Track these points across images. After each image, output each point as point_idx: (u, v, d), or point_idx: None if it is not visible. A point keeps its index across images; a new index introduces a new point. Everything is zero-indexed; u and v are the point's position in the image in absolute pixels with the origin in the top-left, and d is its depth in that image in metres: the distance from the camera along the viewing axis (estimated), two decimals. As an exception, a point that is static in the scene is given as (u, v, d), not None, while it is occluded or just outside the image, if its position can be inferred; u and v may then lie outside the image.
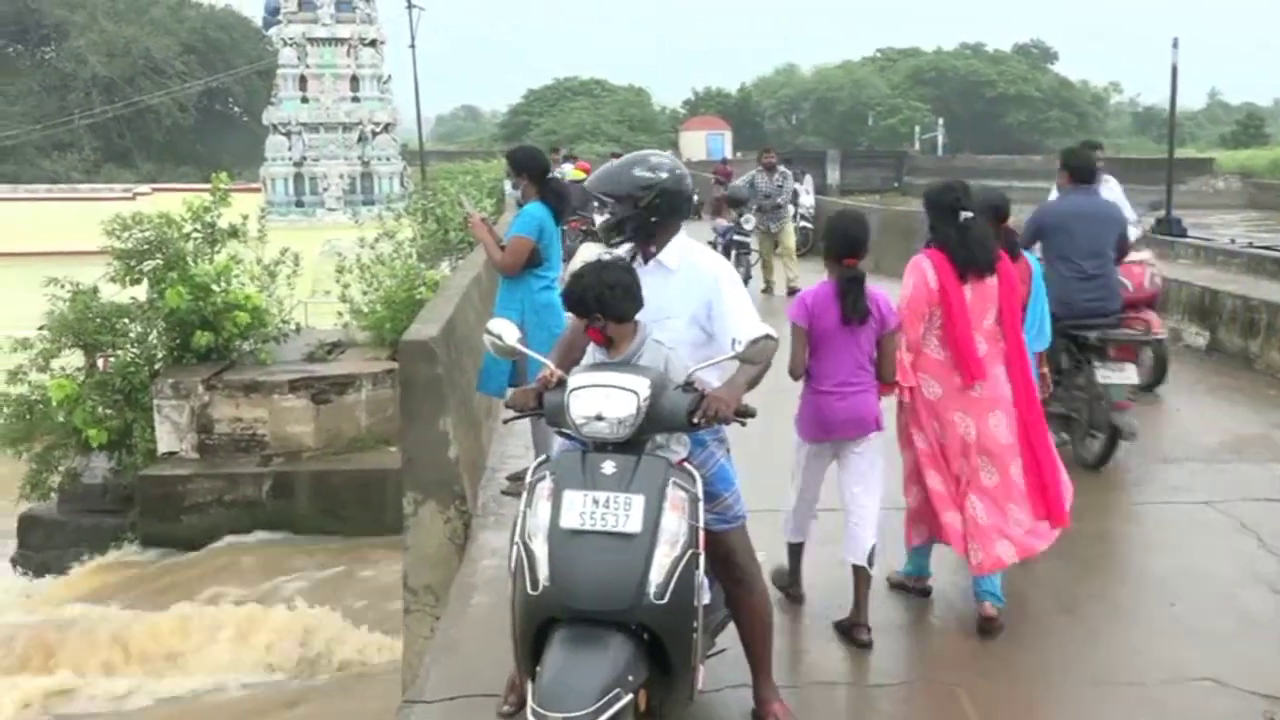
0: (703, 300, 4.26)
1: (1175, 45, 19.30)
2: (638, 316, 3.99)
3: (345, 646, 11.73)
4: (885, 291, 5.22)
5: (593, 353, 4.07)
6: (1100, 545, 6.33)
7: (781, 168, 16.00)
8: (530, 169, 7.44)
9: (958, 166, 64.58)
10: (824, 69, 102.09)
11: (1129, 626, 5.34)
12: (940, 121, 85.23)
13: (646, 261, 4.30)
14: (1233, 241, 16.31)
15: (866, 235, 5.21)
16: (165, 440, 14.51)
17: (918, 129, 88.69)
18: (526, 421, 5.14)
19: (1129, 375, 7.51)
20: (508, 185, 25.59)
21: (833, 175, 70.15)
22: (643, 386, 3.72)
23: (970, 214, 5.30)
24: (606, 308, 3.91)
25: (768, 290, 15.35)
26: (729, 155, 53.13)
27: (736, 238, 15.63)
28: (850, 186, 66.91)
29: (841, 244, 5.15)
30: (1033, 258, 6.87)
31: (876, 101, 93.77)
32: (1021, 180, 67.12)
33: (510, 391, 4.98)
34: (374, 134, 32.75)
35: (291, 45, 32.43)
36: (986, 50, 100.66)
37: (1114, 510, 6.94)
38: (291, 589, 12.73)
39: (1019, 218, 7.51)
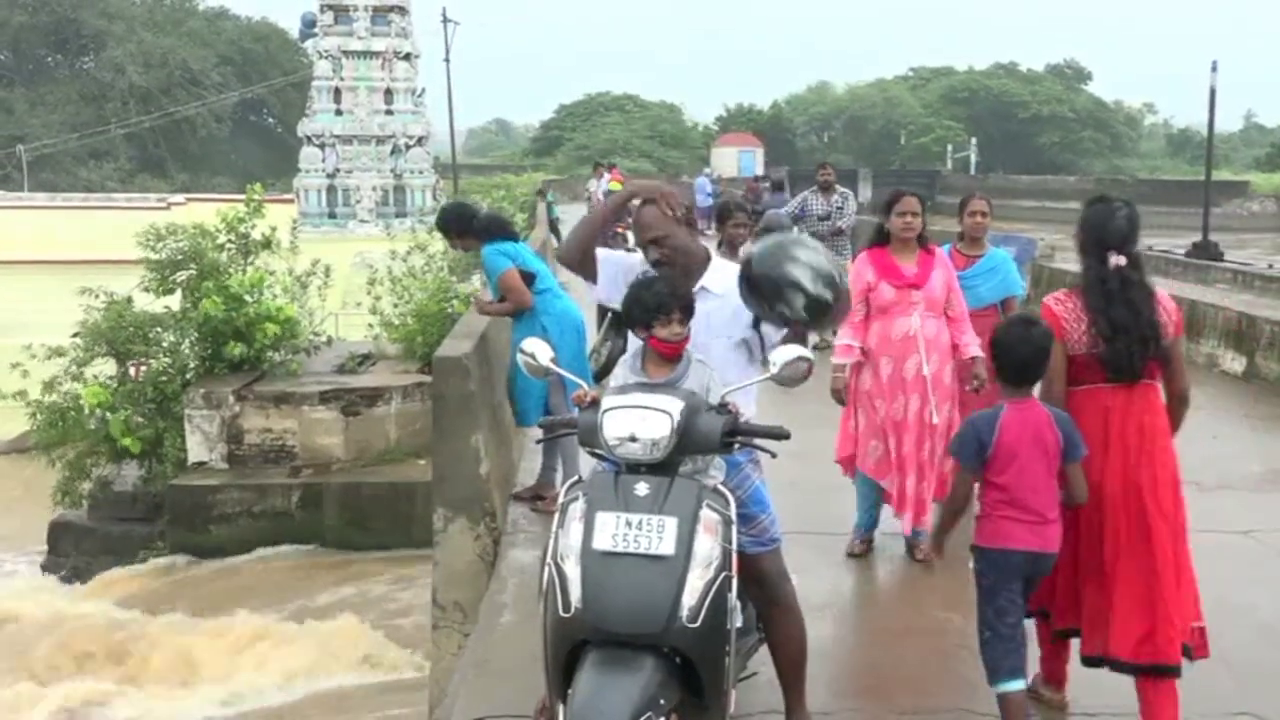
0: (749, 321, 4.22)
1: (1214, 69, 19.20)
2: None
3: (371, 659, 11.71)
4: None
5: (627, 373, 4.03)
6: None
7: (841, 188, 13.19)
8: (457, 227, 7.67)
9: (990, 186, 64.29)
10: (856, 87, 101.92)
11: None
12: (973, 141, 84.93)
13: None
14: (1271, 266, 16.17)
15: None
16: (195, 450, 14.56)
17: (950, 148, 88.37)
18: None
19: None
20: (541, 207, 25.54)
21: (865, 193, 69.96)
22: (676, 408, 3.69)
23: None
24: (689, 313, 3.90)
25: (824, 346, 8.53)
26: (760, 172, 53.14)
27: None
28: (881, 205, 66.66)
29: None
30: None
31: (909, 120, 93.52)
32: (1054, 201, 67.05)
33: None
34: (407, 147, 32.88)
35: (327, 58, 32.63)
36: (1020, 70, 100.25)
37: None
38: (319, 601, 12.74)
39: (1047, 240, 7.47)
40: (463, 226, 7.62)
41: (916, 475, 6.14)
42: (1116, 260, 4.35)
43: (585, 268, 4.38)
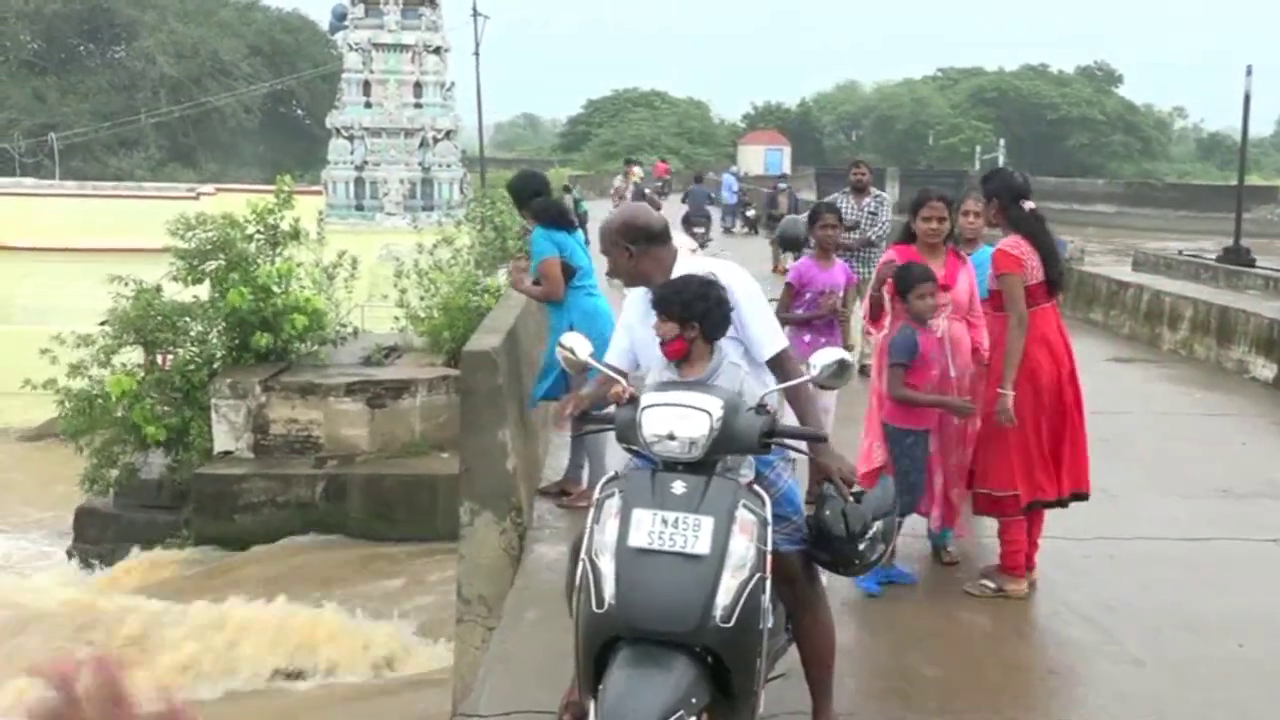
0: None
1: (1249, 73, 19.04)
2: None
3: (395, 650, 11.73)
4: None
5: (662, 370, 4.03)
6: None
7: (877, 191, 11.59)
8: (522, 196, 7.88)
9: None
10: (885, 86, 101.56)
11: (1194, 666, 5.22)
12: (1001, 142, 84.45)
13: None
14: (1302, 273, 16.05)
15: None
16: (221, 439, 14.61)
17: (978, 149, 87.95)
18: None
19: None
20: (568, 197, 25.65)
21: (892, 193, 69.79)
22: (716, 407, 3.69)
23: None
24: (708, 324, 3.89)
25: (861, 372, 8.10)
26: (787, 171, 53.00)
27: None
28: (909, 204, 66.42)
29: None
30: None
31: (937, 120, 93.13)
32: (1082, 204, 66.67)
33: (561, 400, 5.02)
34: (435, 140, 32.87)
35: (357, 50, 32.67)
36: (1050, 71, 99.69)
37: (1178, 546, 6.82)
38: (342, 592, 12.76)
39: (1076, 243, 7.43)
40: (525, 196, 7.85)
41: (944, 476, 6.11)
42: (1029, 204, 5.86)
43: None
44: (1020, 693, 4.95)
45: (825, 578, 4.38)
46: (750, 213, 33.77)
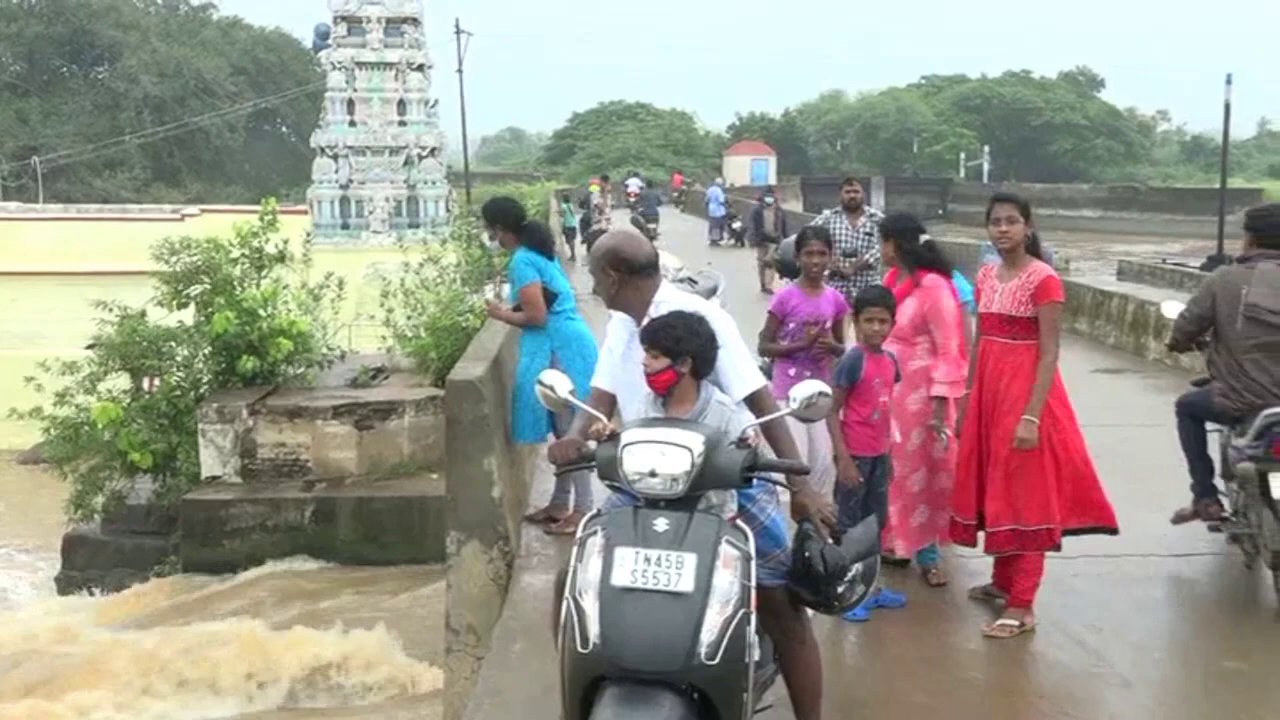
0: None
1: (1229, 81, 19.10)
2: None
3: (385, 674, 11.69)
4: None
5: (648, 407, 4.02)
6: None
7: (871, 209, 10.85)
8: (504, 220, 7.70)
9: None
10: (869, 95, 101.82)
11: (1184, 687, 5.22)
12: (986, 149, 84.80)
13: None
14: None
15: None
16: (209, 464, 14.55)
17: (963, 156, 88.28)
18: None
19: None
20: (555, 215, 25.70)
21: (878, 201, 70.01)
22: (697, 443, 3.68)
23: None
24: (700, 360, 3.88)
25: None
26: (773, 181, 53.20)
27: None
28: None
29: None
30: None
31: (922, 128, 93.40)
32: (1067, 209, 66.90)
33: (550, 443, 4.98)
34: (420, 158, 32.86)
35: (340, 69, 32.64)
36: (1033, 77, 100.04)
37: (1167, 563, 6.81)
38: (332, 616, 12.71)
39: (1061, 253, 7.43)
40: (506, 222, 7.71)
41: (903, 502, 6.14)
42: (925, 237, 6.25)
43: None
44: (1011, 719, 4.94)
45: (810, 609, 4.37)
46: (736, 225, 33.87)
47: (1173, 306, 6.80)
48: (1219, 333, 6.33)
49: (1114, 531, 5.86)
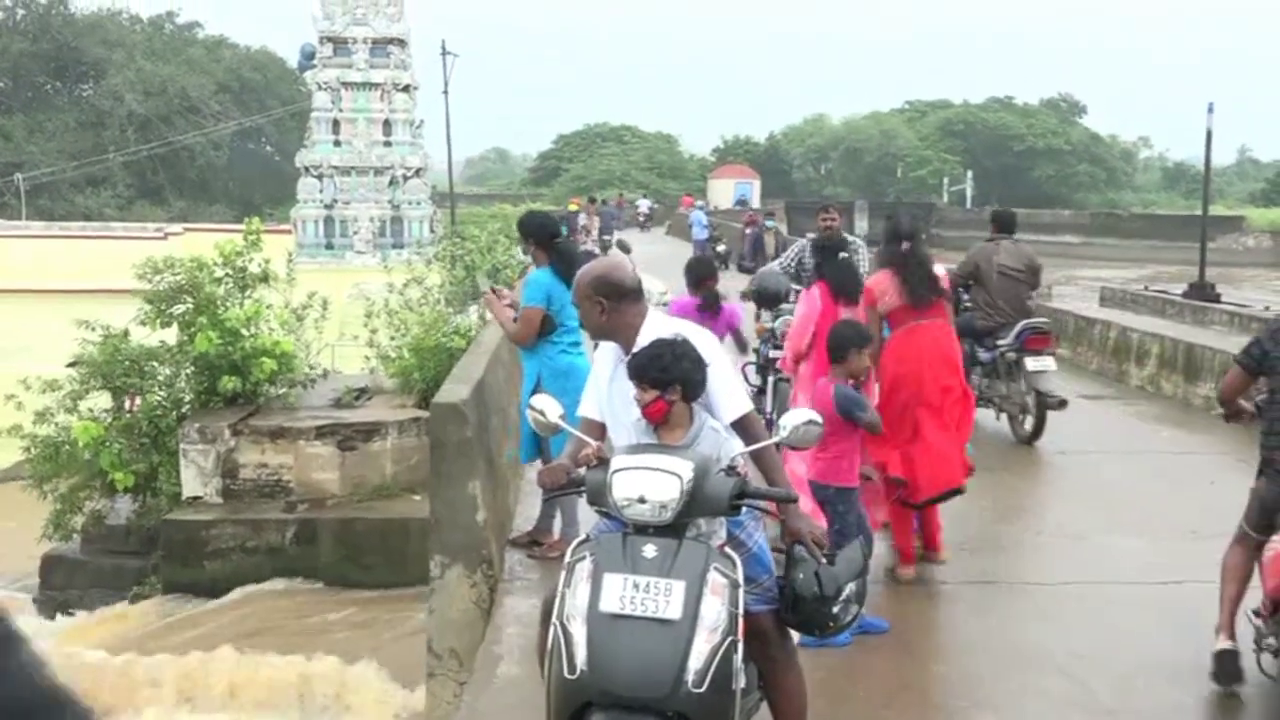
0: None
1: (1210, 109, 19.24)
2: None
3: (366, 696, 11.62)
4: None
5: (638, 434, 4.03)
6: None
7: (852, 238, 10.72)
8: (537, 236, 7.52)
9: (986, 219, 64.46)
10: (852, 119, 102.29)
11: (1167, 715, 5.23)
12: (969, 174, 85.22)
13: None
14: (1267, 308, 16.19)
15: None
16: (190, 484, 14.45)
17: (946, 180, 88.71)
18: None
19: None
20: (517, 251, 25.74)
21: (861, 225, 70.25)
22: (686, 470, 3.68)
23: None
24: (688, 385, 3.89)
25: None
26: (755, 205, 53.35)
27: (774, 354, 9.52)
28: (878, 237, 66.92)
29: None
30: None
31: (905, 152, 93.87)
32: (1049, 235, 67.21)
33: (540, 469, 4.96)
34: (405, 178, 32.93)
35: (326, 89, 32.71)
36: (1016, 103, 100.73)
37: (1149, 589, 6.83)
38: (314, 637, 12.64)
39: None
40: (539, 238, 7.53)
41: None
42: (905, 246, 7.05)
43: None
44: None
45: (796, 635, 4.37)
46: (721, 248, 33.92)
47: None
48: (981, 283, 10.45)
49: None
